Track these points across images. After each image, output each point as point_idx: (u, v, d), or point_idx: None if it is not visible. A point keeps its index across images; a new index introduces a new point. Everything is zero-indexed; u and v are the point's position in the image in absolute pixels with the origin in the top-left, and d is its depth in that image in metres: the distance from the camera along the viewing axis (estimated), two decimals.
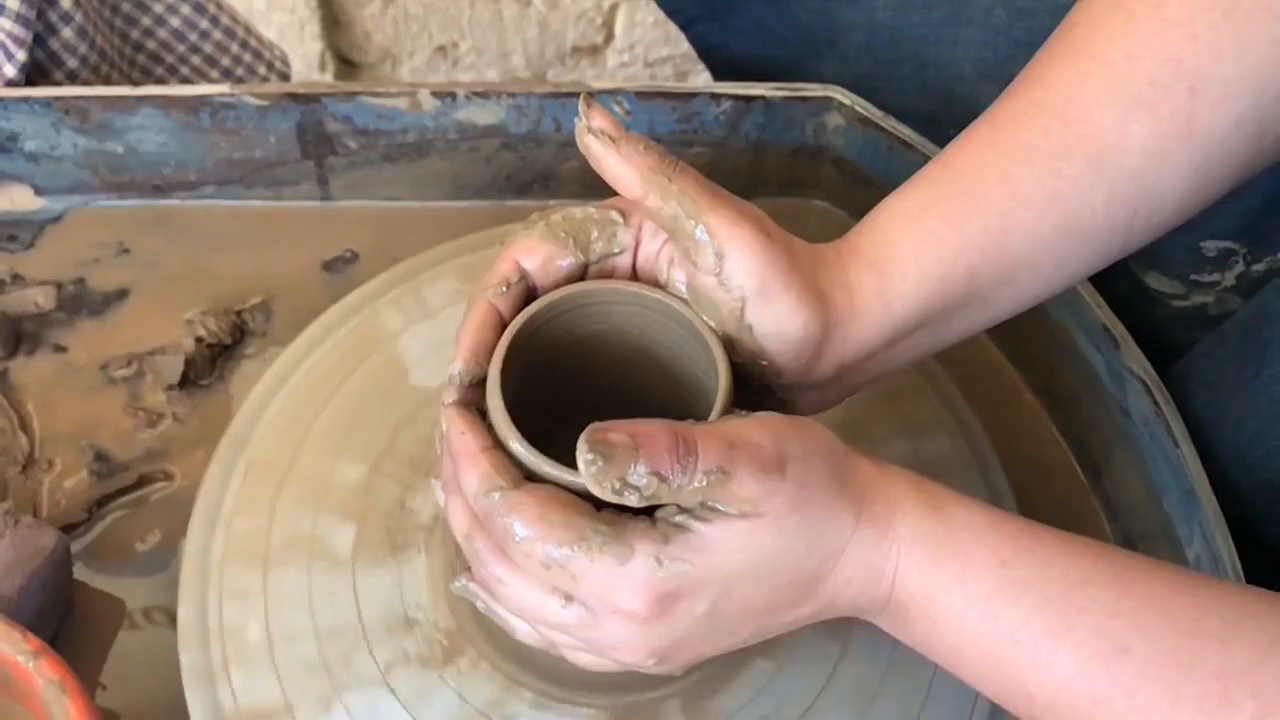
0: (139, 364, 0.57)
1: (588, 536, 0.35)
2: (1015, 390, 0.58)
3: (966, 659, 0.36)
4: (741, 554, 0.35)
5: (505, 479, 0.36)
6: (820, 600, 0.37)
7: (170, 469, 0.54)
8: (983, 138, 0.42)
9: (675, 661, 0.37)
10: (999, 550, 0.36)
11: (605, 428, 0.34)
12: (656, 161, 0.38)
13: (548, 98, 0.59)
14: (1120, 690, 0.34)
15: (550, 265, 0.40)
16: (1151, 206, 0.42)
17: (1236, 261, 0.56)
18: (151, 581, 0.50)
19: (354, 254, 0.61)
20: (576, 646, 0.38)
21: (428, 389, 0.52)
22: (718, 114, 0.60)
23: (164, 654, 0.47)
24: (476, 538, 0.37)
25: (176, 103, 0.58)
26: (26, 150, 0.59)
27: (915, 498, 0.37)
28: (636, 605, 0.35)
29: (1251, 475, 0.49)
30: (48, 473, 0.53)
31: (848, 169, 0.62)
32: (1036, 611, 0.35)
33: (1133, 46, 0.40)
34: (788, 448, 0.35)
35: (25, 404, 0.55)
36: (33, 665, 0.39)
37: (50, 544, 0.47)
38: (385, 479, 0.50)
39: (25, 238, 0.61)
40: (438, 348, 0.53)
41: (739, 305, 0.38)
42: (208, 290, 0.59)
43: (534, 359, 0.41)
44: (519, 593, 0.37)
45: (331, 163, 0.61)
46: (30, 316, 0.58)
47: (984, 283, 0.41)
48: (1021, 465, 0.54)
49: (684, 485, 0.34)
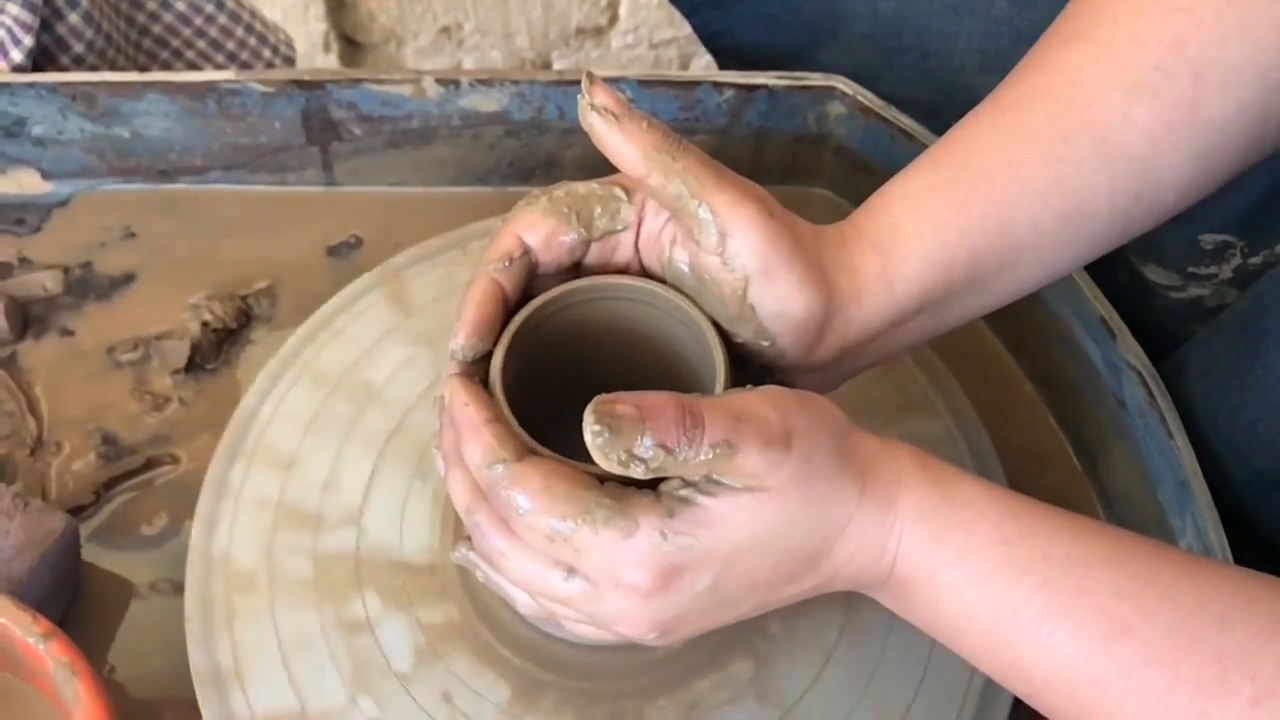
0: (145, 348, 0.57)
1: (592, 510, 0.35)
2: (1013, 379, 0.59)
3: (966, 636, 0.37)
4: (746, 528, 0.35)
5: (509, 451, 0.36)
6: (822, 574, 0.37)
7: (176, 452, 0.54)
8: (986, 122, 0.42)
9: (677, 635, 0.37)
10: (1002, 528, 0.36)
11: (612, 399, 0.34)
12: (660, 139, 0.38)
13: (551, 85, 0.59)
14: (1119, 670, 0.34)
15: (552, 241, 0.40)
16: (1154, 193, 0.42)
17: (1234, 254, 0.56)
18: (158, 563, 0.51)
19: (358, 239, 0.61)
20: (577, 619, 0.38)
21: (431, 375, 0.53)
22: (720, 102, 0.60)
23: (171, 632, 0.47)
24: (478, 510, 0.37)
25: (182, 88, 0.58)
26: (34, 135, 0.60)
27: (919, 473, 0.37)
28: (640, 579, 0.35)
29: (1245, 465, 0.50)
30: (56, 455, 0.53)
31: (850, 158, 0.62)
32: (1038, 590, 0.35)
33: (1137, 31, 0.41)
34: (793, 422, 0.35)
35: (33, 387, 0.55)
36: (43, 647, 0.39)
37: (59, 527, 0.47)
38: (391, 465, 0.50)
39: (33, 221, 0.61)
40: (440, 333, 0.54)
41: (741, 285, 0.39)
42: (213, 275, 0.59)
43: (536, 353, 0.41)
44: (521, 565, 0.37)
45: (336, 148, 0.61)
46: (38, 300, 0.58)
47: (986, 266, 0.41)
48: (1018, 453, 0.54)
49: (690, 458, 0.34)
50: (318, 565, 0.47)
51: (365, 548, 0.48)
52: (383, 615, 0.46)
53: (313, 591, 0.47)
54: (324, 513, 0.49)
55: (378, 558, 0.48)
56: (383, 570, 0.47)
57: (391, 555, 0.48)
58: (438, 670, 0.45)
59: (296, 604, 0.46)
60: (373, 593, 0.47)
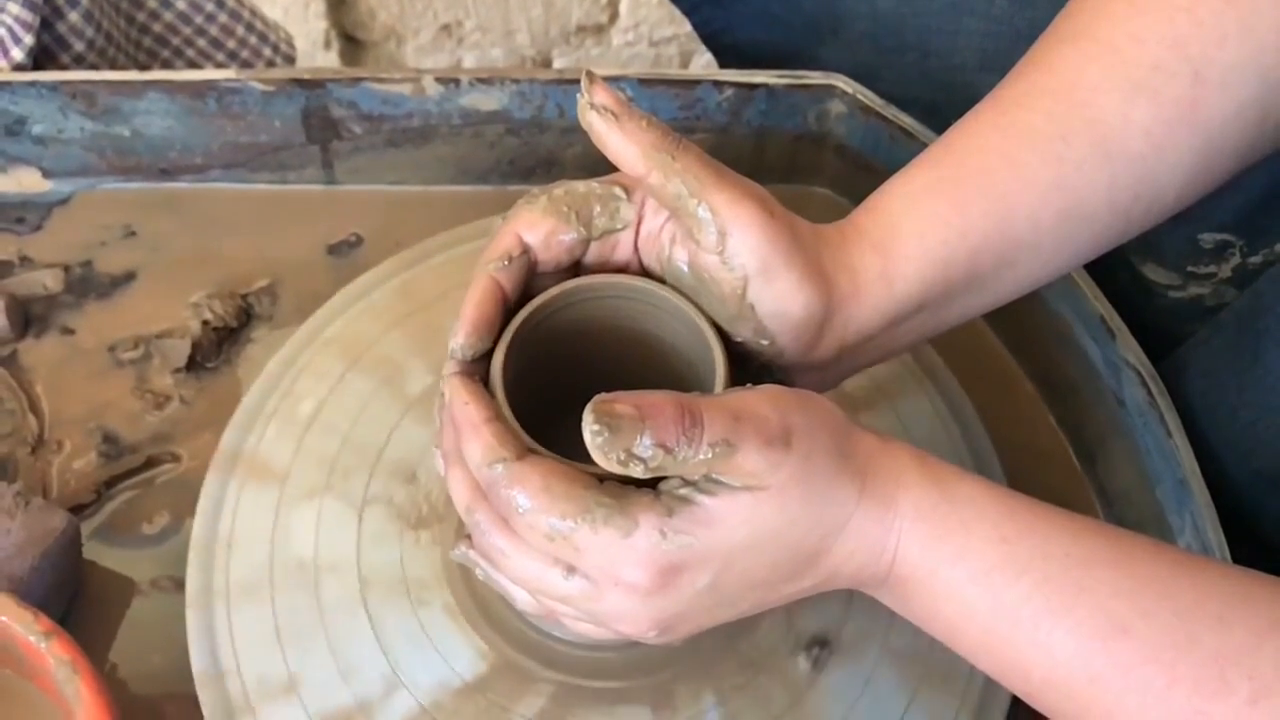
0: (146, 347, 0.57)
1: (591, 509, 0.35)
2: (1014, 378, 0.59)
3: (965, 635, 0.37)
4: (745, 527, 0.35)
5: (509, 450, 0.36)
6: (821, 573, 0.37)
7: (177, 451, 0.54)
8: (986, 121, 0.42)
9: (676, 633, 0.37)
10: (1001, 527, 0.36)
11: (611, 399, 0.34)
12: (659, 139, 0.38)
13: (550, 84, 0.59)
14: (1118, 669, 0.34)
15: (552, 240, 0.40)
16: (1153, 192, 0.42)
17: (1233, 254, 0.57)
18: (159, 560, 0.51)
19: (359, 238, 0.61)
20: (577, 617, 0.38)
21: (432, 376, 0.53)
22: (720, 101, 0.60)
23: (172, 628, 0.47)
24: (478, 509, 0.37)
25: (183, 87, 0.58)
26: (34, 133, 0.60)
27: (918, 472, 0.37)
28: (639, 578, 0.35)
29: (1244, 465, 0.50)
30: (57, 454, 0.54)
31: (850, 156, 0.62)
32: (1037, 589, 0.35)
33: (1138, 30, 0.41)
34: (792, 421, 0.35)
35: (34, 386, 0.55)
36: (45, 646, 0.39)
37: (60, 526, 0.47)
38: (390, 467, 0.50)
39: (33, 220, 0.61)
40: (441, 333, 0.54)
41: (741, 284, 0.39)
42: (214, 273, 0.59)
43: (535, 352, 0.41)
44: (521, 564, 0.37)
45: (336, 147, 0.61)
46: (39, 299, 0.58)
47: (985, 265, 0.41)
48: (1017, 452, 0.54)
49: (689, 457, 0.34)
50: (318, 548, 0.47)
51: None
52: (385, 602, 0.46)
53: (313, 583, 0.47)
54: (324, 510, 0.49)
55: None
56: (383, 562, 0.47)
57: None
58: (433, 655, 0.45)
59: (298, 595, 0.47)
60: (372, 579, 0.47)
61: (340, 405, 0.52)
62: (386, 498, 0.49)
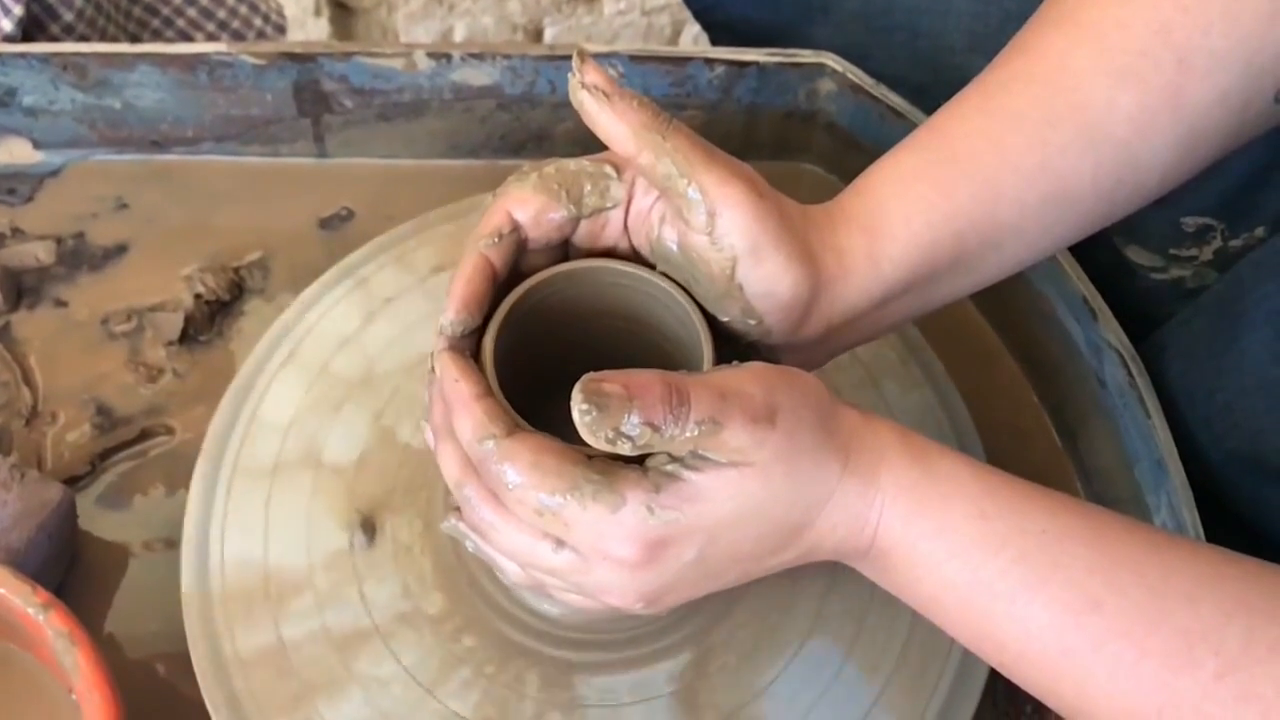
0: (139, 319, 0.57)
1: (580, 485, 0.35)
2: (996, 356, 0.60)
3: (943, 607, 0.37)
4: (730, 502, 0.36)
5: (499, 426, 0.37)
6: (804, 546, 0.38)
7: (171, 423, 0.55)
8: (973, 105, 0.42)
9: (663, 604, 0.38)
10: (980, 503, 0.37)
11: (600, 378, 0.34)
12: (650, 118, 0.38)
13: (542, 60, 0.59)
14: (1090, 643, 0.35)
15: (542, 218, 0.40)
16: (1137, 177, 0.42)
17: (1214, 237, 0.57)
18: (153, 532, 0.51)
19: (350, 211, 0.62)
20: (566, 589, 0.39)
21: (424, 350, 0.53)
22: (711, 78, 0.60)
23: (165, 593, 0.48)
24: (468, 483, 0.38)
25: (174, 60, 0.58)
26: (25, 105, 0.60)
27: (900, 448, 0.38)
28: (627, 552, 0.36)
29: (1220, 445, 0.50)
30: (51, 426, 0.54)
31: (839, 134, 0.62)
32: (1014, 564, 0.36)
33: (1124, 16, 0.41)
34: (778, 398, 0.36)
35: (28, 358, 0.56)
36: (43, 618, 0.40)
37: (56, 498, 0.48)
38: (384, 437, 0.51)
39: (24, 191, 0.61)
40: (433, 309, 0.54)
41: (729, 264, 0.39)
42: (206, 246, 0.59)
43: (525, 333, 0.41)
44: (510, 538, 0.37)
45: (328, 121, 0.61)
46: (31, 270, 0.58)
47: (971, 248, 0.42)
48: (999, 429, 0.55)
49: (676, 435, 0.34)
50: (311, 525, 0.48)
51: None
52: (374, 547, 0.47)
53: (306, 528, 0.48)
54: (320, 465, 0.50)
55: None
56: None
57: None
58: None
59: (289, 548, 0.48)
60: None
61: (337, 378, 0.52)
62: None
